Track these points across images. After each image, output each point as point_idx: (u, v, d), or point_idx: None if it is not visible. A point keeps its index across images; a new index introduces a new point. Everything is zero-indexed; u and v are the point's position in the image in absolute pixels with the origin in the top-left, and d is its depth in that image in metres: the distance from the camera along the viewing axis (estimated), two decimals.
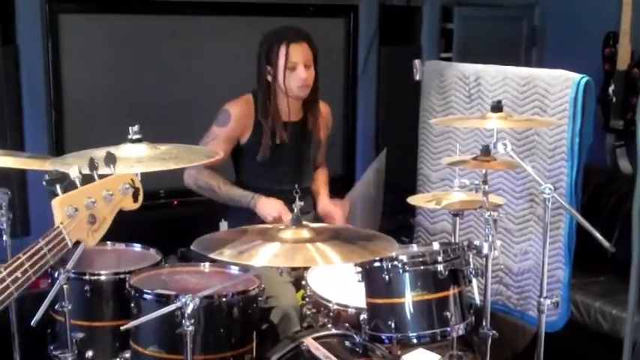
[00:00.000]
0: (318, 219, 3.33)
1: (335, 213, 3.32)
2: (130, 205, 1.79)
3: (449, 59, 4.61)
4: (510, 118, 2.87)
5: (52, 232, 1.64)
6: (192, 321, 2.20)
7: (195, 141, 3.23)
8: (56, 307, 2.56)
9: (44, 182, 1.67)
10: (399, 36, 4.80)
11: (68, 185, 1.67)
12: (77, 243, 1.72)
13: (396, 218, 4.23)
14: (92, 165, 1.73)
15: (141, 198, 1.81)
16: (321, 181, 3.52)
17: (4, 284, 1.56)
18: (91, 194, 1.69)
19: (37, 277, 1.63)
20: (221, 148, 3.15)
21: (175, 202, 4.21)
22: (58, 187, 1.65)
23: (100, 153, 1.93)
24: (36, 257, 1.61)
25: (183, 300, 2.18)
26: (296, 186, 2.57)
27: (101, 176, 1.75)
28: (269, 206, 3.12)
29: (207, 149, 2.92)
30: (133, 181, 1.79)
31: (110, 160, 1.79)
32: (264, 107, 3.23)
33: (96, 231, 1.71)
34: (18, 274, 1.58)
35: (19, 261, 1.59)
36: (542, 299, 2.67)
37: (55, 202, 1.65)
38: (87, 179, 1.73)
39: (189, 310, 2.18)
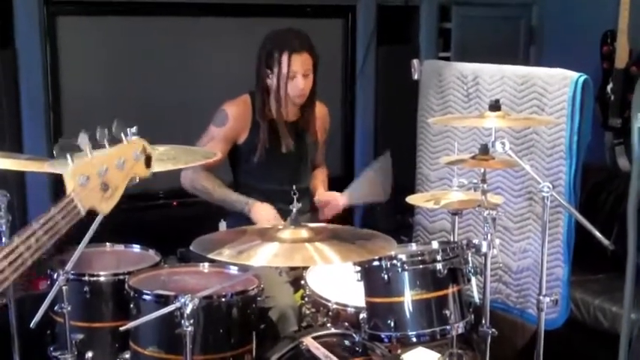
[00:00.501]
0: (315, 218, 3.33)
1: (334, 198, 3.32)
2: (143, 172, 1.77)
3: (447, 59, 4.62)
4: (508, 116, 2.88)
5: (64, 201, 1.61)
6: (192, 321, 2.21)
7: (194, 142, 3.24)
8: (55, 308, 2.56)
9: (54, 153, 1.65)
10: (397, 36, 4.79)
11: (79, 155, 1.64)
12: (91, 213, 1.69)
13: (395, 218, 4.24)
14: (102, 134, 1.70)
15: (153, 164, 1.79)
16: (319, 179, 3.53)
17: (18, 252, 1.54)
18: (102, 162, 1.67)
19: (51, 244, 1.59)
20: (219, 149, 3.16)
21: (175, 203, 4.20)
22: (68, 157, 1.62)
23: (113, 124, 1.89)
24: (49, 224, 1.58)
25: (183, 300, 2.19)
26: (294, 187, 2.57)
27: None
28: (262, 213, 3.13)
29: (205, 150, 2.93)
30: (144, 147, 1.77)
31: (121, 129, 1.75)
32: (262, 109, 3.24)
33: (109, 198, 1.69)
34: (32, 241, 1.55)
35: (32, 229, 1.56)
36: (541, 297, 2.67)
37: (67, 173, 1.62)
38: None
39: (188, 310, 2.18)
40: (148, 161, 1.77)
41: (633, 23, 4.18)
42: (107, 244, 3.07)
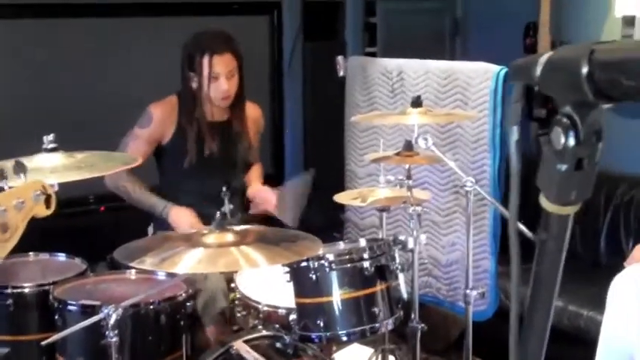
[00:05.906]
0: (247, 218, 3.30)
1: (268, 195, 3.30)
2: (43, 212, 1.76)
3: (374, 54, 4.63)
4: (430, 112, 2.90)
5: None
6: (117, 331, 2.18)
7: (118, 145, 3.19)
8: None
9: None
10: (323, 31, 4.80)
11: None
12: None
13: (327, 215, 4.23)
14: (1, 175, 1.70)
15: (54, 204, 1.78)
16: (254, 173, 3.50)
17: None
18: (0, 203, 1.66)
19: None
20: (141, 149, 3.14)
21: (102, 208, 4.13)
22: None
23: (10, 164, 1.89)
24: None
25: (106, 311, 2.15)
26: (224, 188, 2.55)
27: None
28: (181, 217, 3.10)
29: (126, 155, 2.88)
30: (44, 187, 1.76)
31: (20, 169, 1.76)
32: (188, 113, 3.21)
33: (7, 240, 1.69)
34: None
35: None
36: (467, 291, 2.70)
37: None
38: None
39: (112, 320, 2.15)
40: (48, 201, 1.75)
41: (554, 15, 4.25)
42: (31, 253, 2.99)
